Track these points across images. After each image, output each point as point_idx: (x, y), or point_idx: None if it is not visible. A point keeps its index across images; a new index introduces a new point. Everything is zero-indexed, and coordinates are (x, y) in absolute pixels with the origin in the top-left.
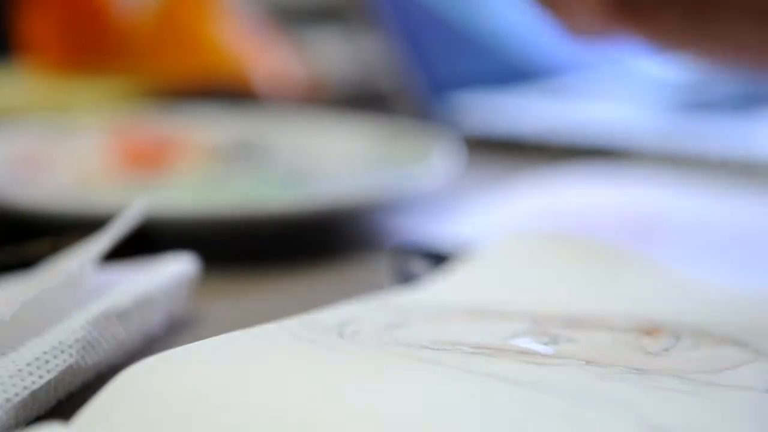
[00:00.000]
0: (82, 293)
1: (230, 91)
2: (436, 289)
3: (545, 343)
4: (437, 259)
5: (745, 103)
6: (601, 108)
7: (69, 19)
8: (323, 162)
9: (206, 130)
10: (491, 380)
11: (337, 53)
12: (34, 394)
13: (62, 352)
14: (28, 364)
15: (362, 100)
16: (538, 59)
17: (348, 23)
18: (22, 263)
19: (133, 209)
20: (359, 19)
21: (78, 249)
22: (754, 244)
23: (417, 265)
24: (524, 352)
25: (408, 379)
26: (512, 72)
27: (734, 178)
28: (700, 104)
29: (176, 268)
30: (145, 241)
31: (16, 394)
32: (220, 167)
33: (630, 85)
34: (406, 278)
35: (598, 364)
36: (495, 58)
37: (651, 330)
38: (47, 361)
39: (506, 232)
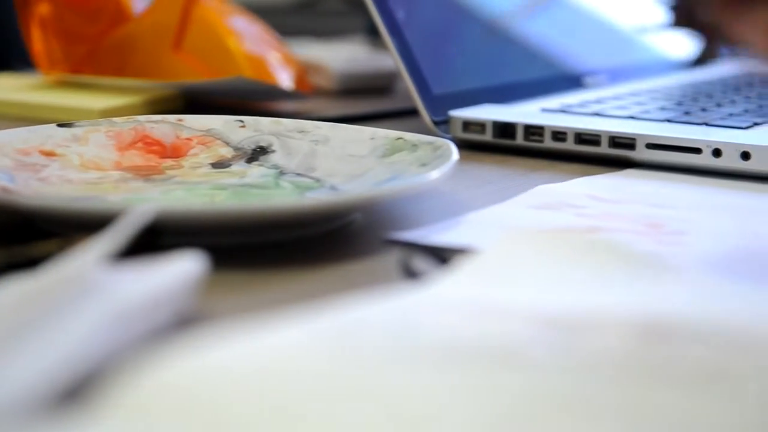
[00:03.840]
0: (89, 291)
1: (250, 89)
2: (441, 287)
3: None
4: (442, 256)
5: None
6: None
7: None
8: (328, 161)
9: (220, 129)
10: (493, 388)
11: (336, 48)
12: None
13: (70, 350)
14: (44, 365)
15: (364, 93)
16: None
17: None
18: (30, 262)
19: (140, 208)
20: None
21: (85, 248)
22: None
23: (422, 262)
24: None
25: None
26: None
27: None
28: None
29: (183, 267)
30: (153, 239)
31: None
32: (233, 165)
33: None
34: (411, 276)
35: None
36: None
37: (647, 328)
38: (58, 361)
39: (508, 230)
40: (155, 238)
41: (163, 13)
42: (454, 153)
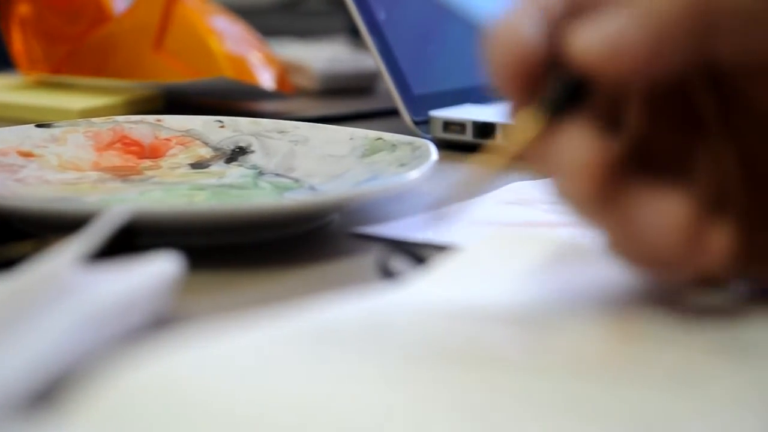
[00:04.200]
0: (64, 292)
1: (231, 90)
2: (419, 288)
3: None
4: (419, 256)
5: None
6: None
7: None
8: (307, 161)
9: (199, 129)
10: (469, 390)
11: (315, 48)
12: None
13: (44, 351)
14: (18, 366)
15: (345, 93)
16: None
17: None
18: (6, 263)
19: (117, 209)
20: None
21: (61, 248)
22: None
23: (400, 263)
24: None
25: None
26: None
27: None
28: None
29: (160, 267)
30: (130, 239)
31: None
32: (212, 166)
33: None
34: (389, 276)
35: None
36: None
37: (626, 327)
38: (32, 362)
39: (486, 231)
40: (132, 239)
41: (143, 13)
42: (433, 153)
